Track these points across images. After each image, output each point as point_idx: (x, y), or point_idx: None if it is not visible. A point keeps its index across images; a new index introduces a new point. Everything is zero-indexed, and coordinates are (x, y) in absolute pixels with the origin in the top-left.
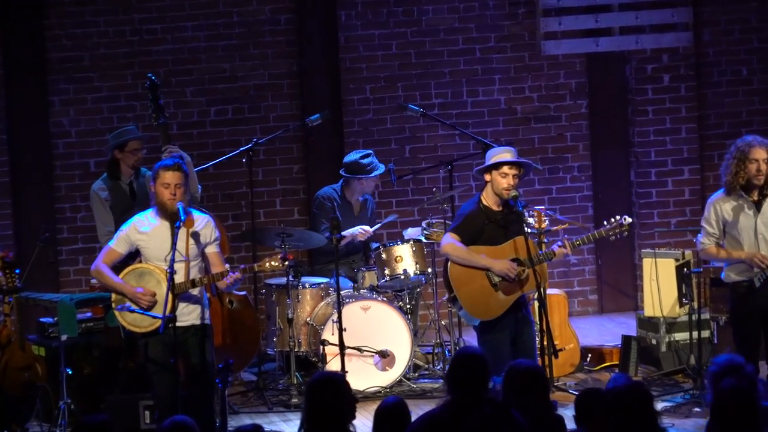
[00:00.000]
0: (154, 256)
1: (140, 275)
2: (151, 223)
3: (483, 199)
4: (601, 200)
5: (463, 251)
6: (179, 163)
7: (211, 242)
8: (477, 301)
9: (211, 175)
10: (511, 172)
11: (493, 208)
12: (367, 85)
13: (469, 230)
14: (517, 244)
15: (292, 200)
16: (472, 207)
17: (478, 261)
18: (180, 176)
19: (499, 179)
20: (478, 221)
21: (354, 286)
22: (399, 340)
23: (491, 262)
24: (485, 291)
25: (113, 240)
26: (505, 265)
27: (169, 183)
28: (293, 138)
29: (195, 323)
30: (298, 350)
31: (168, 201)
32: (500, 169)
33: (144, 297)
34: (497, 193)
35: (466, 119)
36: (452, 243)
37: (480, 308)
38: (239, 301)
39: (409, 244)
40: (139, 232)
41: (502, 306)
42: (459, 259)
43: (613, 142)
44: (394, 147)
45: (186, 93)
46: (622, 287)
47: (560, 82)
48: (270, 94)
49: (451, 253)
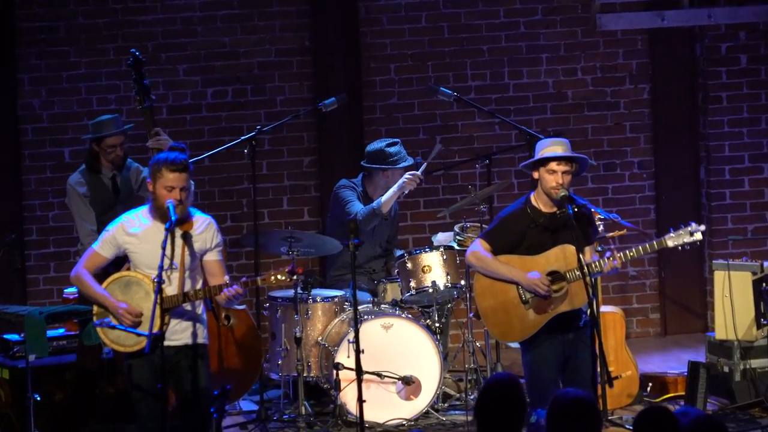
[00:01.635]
0: (145, 263)
1: (126, 285)
2: (143, 224)
3: (533, 199)
4: (665, 202)
5: (488, 260)
6: (185, 160)
7: (211, 248)
8: (500, 319)
9: (206, 169)
10: (560, 169)
11: (543, 210)
12: (392, 64)
13: (505, 236)
14: (566, 251)
15: (301, 198)
16: (515, 208)
17: (504, 272)
18: (187, 177)
19: (546, 177)
20: (519, 226)
21: (374, 300)
22: (426, 365)
23: (519, 274)
24: (512, 308)
25: (97, 242)
26: (535, 279)
27: (173, 186)
28: (304, 125)
29: (188, 343)
30: (307, 375)
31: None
32: (548, 166)
33: (127, 315)
34: (546, 193)
35: (508, 105)
36: (476, 251)
37: (503, 327)
38: (238, 317)
39: (439, 252)
40: (127, 234)
41: (532, 326)
42: (482, 269)
43: (680, 134)
44: (422, 137)
45: (178, 71)
46: (689, 305)
47: (618, 62)
48: (277, 73)
49: (473, 262)
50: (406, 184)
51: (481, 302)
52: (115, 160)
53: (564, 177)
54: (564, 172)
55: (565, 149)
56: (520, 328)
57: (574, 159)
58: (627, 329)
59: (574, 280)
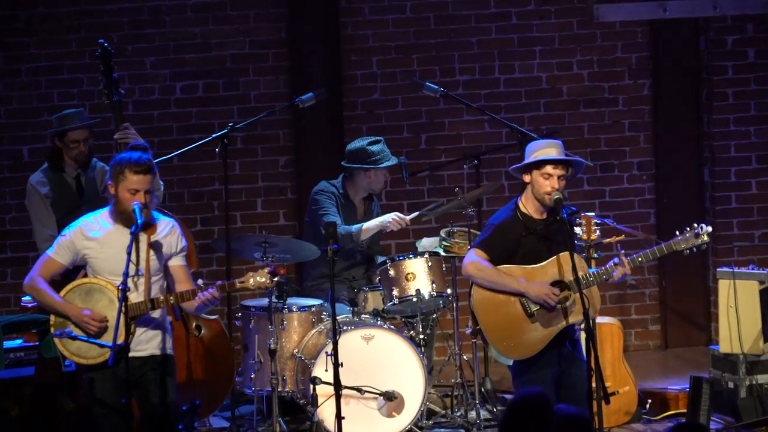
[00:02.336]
0: (107, 269)
1: (88, 293)
2: (103, 227)
3: (521, 205)
4: (666, 206)
5: (490, 271)
6: (149, 160)
7: (176, 253)
8: (507, 335)
9: (175, 168)
10: (555, 173)
11: (534, 216)
12: (374, 57)
13: (501, 245)
14: (562, 261)
15: (277, 201)
16: (506, 215)
17: (509, 284)
18: (150, 180)
19: (540, 181)
20: (513, 233)
21: (354, 309)
22: (409, 379)
23: (526, 285)
24: (518, 322)
25: (53, 247)
26: (544, 290)
27: (137, 189)
28: (280, 122)
29: (154, 354)
30: (282, 390)
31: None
32: (542, 169)
33: (92, 322)
34: (538, 198)
35: (498, 101)
36: (476, 261)
37: (511, 344)
38: (209, 328)
39: (424, 259)
40: (86, 238)
41: (540, 341)
42: (485, 281)
43: (682, 133)
44: (406, 135)
45: (145, 64)
46: (692, 316)
47: (617, 56)
48: (251, 66)
49: (474, 274)
50: (390, 223)
51: (483, 317)
52: (79, 157)
53: (559, 182)
54: (559, 177)
55: (560, 152)
56: (529, 343)
57: (570, 162)
58: (625, 342)
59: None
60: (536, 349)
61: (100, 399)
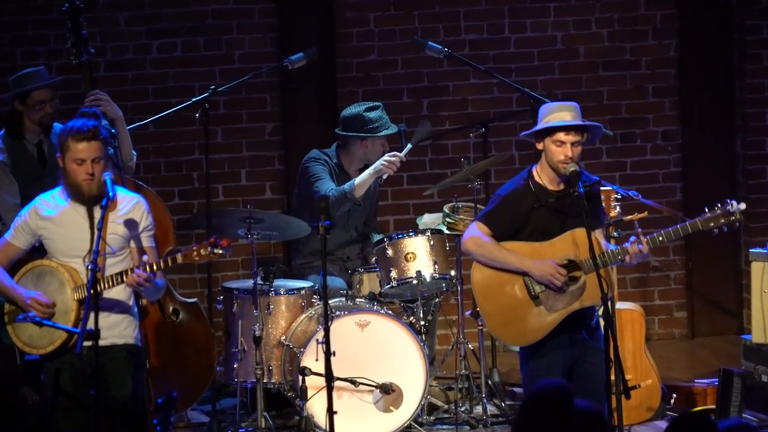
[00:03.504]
0: (60, 250)
1: (39, 276)
2: (59, 205)
3: (535, 174)
4: (693, 180)
5: (491, 247)
6: (96, 126)
7: (140, 232)
8: (507, 318)
9: (151, 136)
10: (569, 140)
11: (548, 187)
12: (371, 13)
13: (508, 219)
14: (576, 238)
15: (263, 172)
16: (516, 185)
17: (511, 261)
18: (99, 147)
19: (553, 149)
20: (523, 206)
21: (347, 292)
22: (408, 370)
23: (529, 263)
24: (520, 305)
25: (10, 230)
26: (549, 268)
27: (83, 158)
28: (267, 86)
29: (117, 342)
30: (267, 381)
31: (84, 183)
32: (554, 136)
33: (37, 306)
34: (553, 167)
35: (508, 63)
36: (476, 236)
37: (511, 328)
38: (187, 312)
39: (425, 237)
40: (41, 218)
41: (544, 327)
42: (484, 258)
43: (711, 99)
44: (406, 100)
45: (118, 20)
46: (722, 302)
47: (640, 13)
48: (235, 23)
49: (473, 250)
50: (384, 167)
51: (483, 298)
52: (44, 120)
53: (573, 149)
54: (573, 143)
55: (575, 116)
56: (531, 329)
57: (585, 128)
58: (647, 330)
59: (591, 270)
60: (538, 336)
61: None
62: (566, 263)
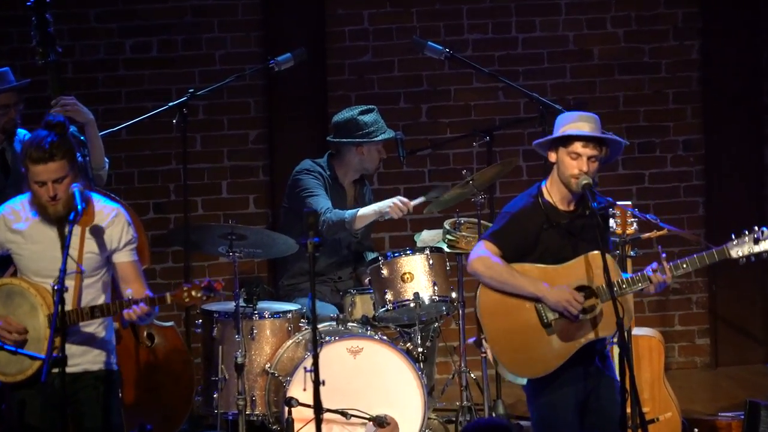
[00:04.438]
0: (31, 269)
1: (8, 296)
2: (30, 218)
3: (545, 191)
4: (717, 194)
5: (502, 269)
6: (56, 142)
7: (122, 247)
8: (516, 347)
9: (123, 143)
10: (586, 153)
11: (559, 207)
12: (365, 10)
13: (517, 238)
14: (591, 262)
15: (246, 184)
16: (526, 202)
17: (523, 285)
18: (60, 167)
19: (567, 161)
20: (532, 225)
21: (339, 316)
22: (405, 401)
23: (543, 289)
24: (531, 333)
25: None
26: (565, 295)
27: (43, 180)
28: (251, 89)
29: (90, 369)
30: (251, 413)
31: (48, 205)
32: (570, 147)
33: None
34: (564, 182)
35: (515, 66)
36: (485, 257)
37: (520, 358)
38: (164, 336)
39: (424, 255)
40: (10, 230)
41: (557, 358)
42: (494, 281)
43: (737, 106)
44: (403, 106)
45: (89, 17)
46: (748, 328)
47: (660, 11)
48: (216, 20)
49: (482, 271)
50: (391, 209)
51: (490, 324)
52: (8, 126)
53: (590, 164)
54: (590, 158)
55: (594, 128)
56: (541, 359)
57: (604, 142)
58: (667, 358)
59: (609, 298)
60: (550, 367)
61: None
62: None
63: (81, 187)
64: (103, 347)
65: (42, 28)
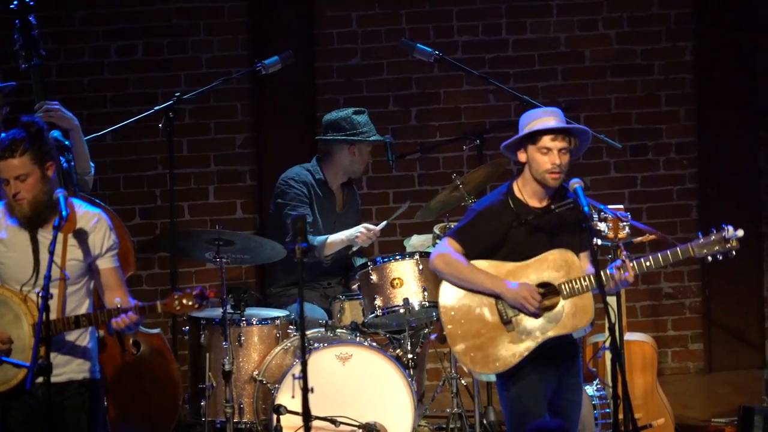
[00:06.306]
0: (14, 277)
1: None
2: (9, 224)
3: (516, 188)
4: (710, 197)
5: (461, 266)
6: (21, 139)
7: (104, 253)
8: (476, 344)
9: (109, 148)
10: (555, 146)
11: (529, 203)
12: (354, 12)
13: (483, 235)
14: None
15: (233, 189)
16: (494, 200)
17: (482, 282)
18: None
19: (538, 158)
20: (500, 223)
21: (327, 323)
22: (394, 408)
23: (502, 284)
24: (491, 329)
25: None
26: (523, 291)
27: (6, 178)
28: (237, 93)
29: (75, 378)
30: (239, 420)
31: (13, 204)
32: (539, 142)
33: None
34: (539, 179)
35: (506, 68)
36: (445, 253)
37: (480, 355)
38: (150, 344)
39: (414, 261)
40: None
41: (516, 355)
42: (453, 277)
43: (732, 108)
44: (393, 109)
45: (74, 20)
46: (742, 332)
47: (653, 12)
48: (203, 23)
49: (441, 268)
50: (359, 237)
51: (450, 321)
52: None
53: (561, 156)
54: (561, 150)
55: (559, 121)
56: (501, 356)
57: (573, 132)
58: (660, 364)
59: (570, 295)
60: (508, 364)
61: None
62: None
63: (65, 193)
64: (86, 356)
65: (26, 32)
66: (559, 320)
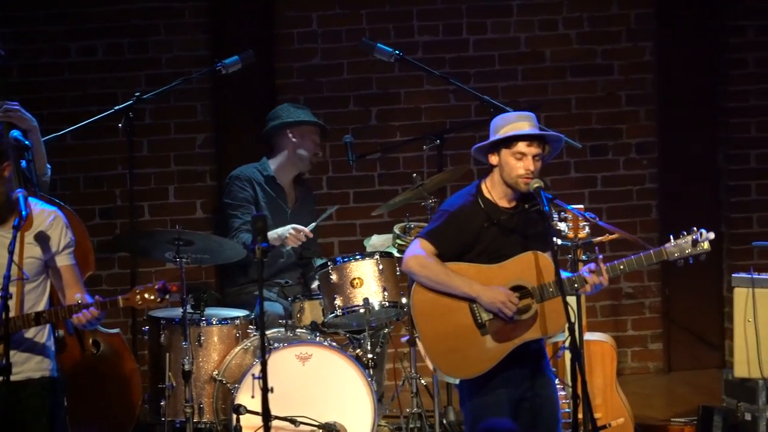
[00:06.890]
0: None
1: None
2: None
3: (485, 189)
4: (671, 197)
5: (436, 268)
6: None
7: (61, 250)
8: (448, 347)
9: (69, 148)
10: (530, 152)
11: (499, 204)
12: (314, 12)
13: (456, 237)
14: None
15: (193, 189)
16: (464, 201)
17: (458, 285)
18: None
19: (511, 163)
20: (471, 224)
21: (288, 322)
22: (354, 408)
23: (478, 288)
24: (465, 334)
25: None
26: (500, 296)
27: None
28: (198, 93)
29: (33, 377)
30: (198, 420)
31: None
32: (513, 147)
33: None
34: (510, 183)
35: (466, 68)
36: (419, 255)
37: (453, 359)
38: (109, 344)
39: (374, 261)
40: None
41: (490, 359)
42: (428, 280)
43: (692, 108)
44: (353, 109)
45: (33, 20)
46: (701, 332)
47: (613, 12)
48: (163, 23)
49: (416, 270)
50: (289, 238)
51: (423, 325)
52: None
53: (535, 163)
54: (535, 156)
55: (534, 126)
56: (475, 360)
57: (547, 138)
58: (619, 364)
59: (544, 298)
60: (482, 369)
61: None
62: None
63: (26, 193)
64: (44, 353)
65: None
66: (534, 324)
